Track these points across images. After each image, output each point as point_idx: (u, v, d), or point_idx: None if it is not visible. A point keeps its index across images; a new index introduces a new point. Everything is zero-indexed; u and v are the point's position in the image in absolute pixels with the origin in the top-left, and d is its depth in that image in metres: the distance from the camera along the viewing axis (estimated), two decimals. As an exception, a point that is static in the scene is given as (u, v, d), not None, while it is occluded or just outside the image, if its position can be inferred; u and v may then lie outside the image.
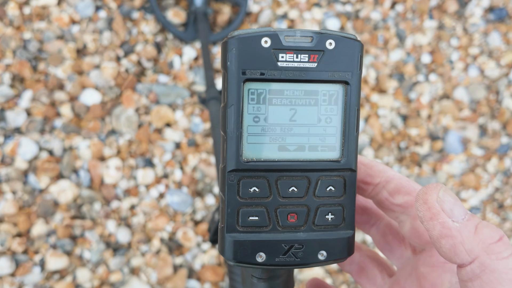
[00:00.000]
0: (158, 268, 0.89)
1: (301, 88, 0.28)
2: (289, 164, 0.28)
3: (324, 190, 0.29)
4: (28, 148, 0.87)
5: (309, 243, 0.29)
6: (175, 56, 0.95)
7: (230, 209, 0.28)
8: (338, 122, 0.29)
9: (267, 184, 0.28)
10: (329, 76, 0.28)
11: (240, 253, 0.28)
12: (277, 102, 0.28)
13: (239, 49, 0.27)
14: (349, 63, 0.28)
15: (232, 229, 0.28)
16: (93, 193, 0.89)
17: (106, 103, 0.91)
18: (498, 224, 1.05)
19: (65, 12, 0.91)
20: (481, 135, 1.05)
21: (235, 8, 1.00)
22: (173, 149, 0.93)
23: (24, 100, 0.88)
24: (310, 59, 0.27)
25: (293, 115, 0.28)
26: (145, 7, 0.95)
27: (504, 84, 1.06)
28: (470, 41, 1.07)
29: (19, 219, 0.85)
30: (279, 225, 0.28)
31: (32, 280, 0.85)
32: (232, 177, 0.28)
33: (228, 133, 0.27)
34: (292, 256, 0.28)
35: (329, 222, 0.29)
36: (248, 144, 0.28)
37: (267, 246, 0.28)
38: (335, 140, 0.29)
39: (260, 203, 0.28)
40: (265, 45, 0.27)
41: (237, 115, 0.27)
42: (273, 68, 0.27)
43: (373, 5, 1.03)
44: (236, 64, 0.27)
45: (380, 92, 1.02)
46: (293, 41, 0.27)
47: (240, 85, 0.27)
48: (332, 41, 0.27)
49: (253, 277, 0.31)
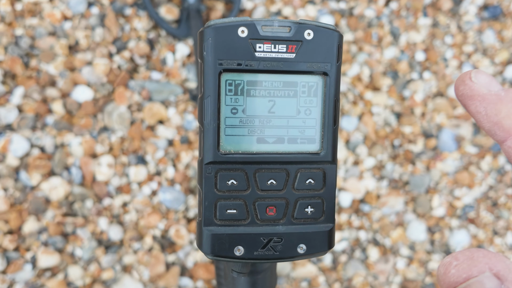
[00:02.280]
0: (150, 265, 0.89)
1: (279, 80, 0.28)
2: (268, 156, 0.28)
3: (304, 182, 0.28)
4: (19, 145, 0.86)
5: (288, 236, 0.28)
6: (168, 53, 0.95)
7: (207, 202, 0.28)
8: (317, 114, 0.28)
9: (245, 176, 0.28)
10: (307, 67, 0.27)
11: (218, 246, 0.28)
12: (255, 93, 0.28)
13: (215, 39, 0.26)
14: (328, 54, 0.28)
15: (210, 223, 0.28)
16: (85, 190, 0.88)
17: (98, 100, 0.91)
18: (492, 222, 1.05)
19: (57, 8, 0.91)
20: (475, 133, 1.05)
21: (229, 5, 0.99)
22: (166, 146, 0.93)
23: (16, 96, 0.87)
24: (288, 50, 0.27)
25: (272, 106, 0.28)
26: (138, 3, 0.95)
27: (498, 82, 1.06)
28: (464, 39, 1.07)
29: (10, 216, 0.85)
30: (257, 218, 0.28)
31: (24, 277, 0.84)
32: (209, 169, 0.27)
33: (205, 125, 0.27)
34: (271, 250, 0.28)
35: (308, 215, 0.29)
36: (226, 136, 0.28)
37: (246, 240, 0.28)
38: (315, 132, 0.29)
39: (238, 196, 0.28)
40: (242, 34, 0.26)
41: (214, 107, 0.27)
42: (250, 58, 0.27)
43: (367, 2, 1.03)
44: (212, 54, 0.26)
45: (374, 90, 1.02)
46: (271, 31, 0.27)
47: (217, 75, 0.27)
48: (311, 31, 0.27)
49: (233, 272, 0.31)
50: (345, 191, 0.98)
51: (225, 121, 0.27)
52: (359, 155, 0.99)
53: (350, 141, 0.99)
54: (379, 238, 1.00)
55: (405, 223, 1.01)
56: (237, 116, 0.28)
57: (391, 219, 1.00)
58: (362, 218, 1.00)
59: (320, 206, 0.29)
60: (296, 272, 0.94)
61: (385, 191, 1.00)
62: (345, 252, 0.98)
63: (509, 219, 1.06)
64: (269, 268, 0.32)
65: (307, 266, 0.95)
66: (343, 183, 0.98)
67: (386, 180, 1.01)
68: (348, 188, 0.98)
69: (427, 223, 1.02)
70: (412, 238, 1.01)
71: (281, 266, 0.94)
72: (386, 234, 1.00)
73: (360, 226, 0.99)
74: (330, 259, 0.97)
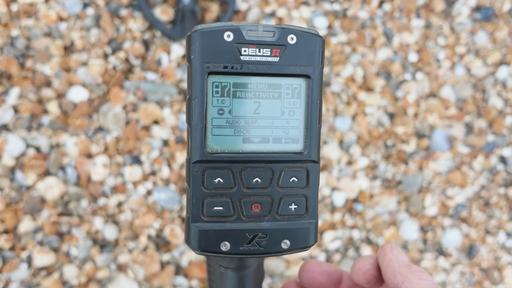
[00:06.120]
0: (145, 264, 0.89)
1: (264, 82, 0.29)
2: (253, 155, 0.29)
3: (288, 181, 0.29)
4: (15, 145, 0.87)
5: (273, 232, 0.29)
6: (163, 54, 0.95)
7: (195, 199, 0.29)
8: (301, 115, 0.29)
9: (231, 175, 0.29)
10: (291, 70, 0.28)
11: (205, 242, 0.29)
12: (241, 95, 0.29)
13: (202, 43, 0.27)
14: (310, 58, 0.29)
15: (197, 219, 0.29)
16: (80, 190, 0.89)
17: (94, 100, 0.91)
18: (484, 221, 1.06)
19: (53, 9, 0.92)
20: (467, 133, 1.06)
21: (223, 6, 1.00)
22: (161, 147, 0.93)
23: (11, 97, 0.88)
24: (272, 53, 0.28)
25: (257, 108, 0.29)
26: (133, 4, 0.95)
27: (490, 83, 1.07)
28: (457, 40, 1.08)
29: (6, 215, 0.85)
30: (243, 215, 0.29)
31: (19, 276, 0.85)
32: (196, 168, 0.28)
33: (193, 125, 0.28)
34: (256, 245, 0.29)
35: (292, 212, 0.30)
36: (213, 136, 0.29)
37: (231, 235, 0.29)
38: (298, 132, 0.30)
39: (225, 194, 0.29)
40: (227, 39, 0.27)
41: (201, 107, 0.28)
42: (236, 61, 0.28)
43: (360, 4, 1.04)
44: (199, 58, 0.27)
45: (367, 90, 1.03)
46: (256, 35, 0.28)
47: (204, 78, 0.28)
48: (294, 36, 0.28)
49: (221, 267, 0.32)
50: (338, 190, 0.99)
51: (212, 122, 0.28)
52: (352, 155, 1.00)
53: (344, 141, 1.00)
54: (372, 237, 1.01)
55: (398, 222, 1.02)
56: (224, 117, 0.29)
57: (384, 218, 1.02)
58: (355, 217, 1.01)
59: (303, 203, 0.30)
60: (290, 270, 0.95)
61: (378, 190, 1.01)
62: (338, 251, 0.99)
63: (501, 218, 1.07)
64: (255, 263, 0.33)
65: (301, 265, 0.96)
66: (336, 183, 0.99)
67: (379, 179, 1.02)
68: (342, 187, 0.99)
69: (420, 222, 1.03)
70: (404, 237, 1.02)
71: (274, 265, 0.95)
72: (379, 233, 1.01)
73: (354, 225, 1.00)
74: (323, 257, 0.98)
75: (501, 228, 1.07)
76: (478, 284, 1.04)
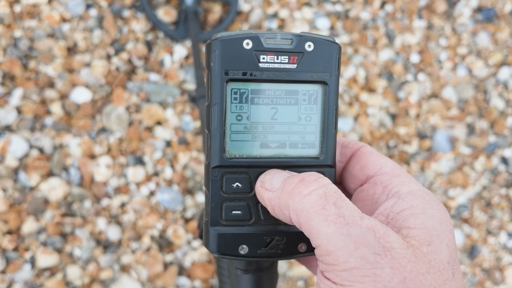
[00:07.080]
0: (148, 265, 0.90)
1: (282, 88, 0.29)
2: (271, 160, 0.29)
3: None
4: (18, 146, 0.87)
5: (290, 235, 0.30)
6: (166, 55, 0.95)
7: (214, 203, 0.29)
8: (317, 121, 0.30)
9: (249, 179, 0.29)
10: (308, 77, 0.29)
11: (224, 245, 0.29)
12: (259, 101, 0.29)
13: (222, 51, 0.28)
14: (327, 65, 0.29)
15: (216, 223, 0.29)
16: (83, 191, 0.89)
17: (97, 101, 0.92)
18: (486, 222, 1.07)
19: (56, 10, 0.92)
20: (469, 134, 1.07)
21: (226, 7, 1.00)
22: (164, 147, 0.94)
23: (15, 98, 0.88)
24: (290, 61, 0.28)
25: (274, 113, 0.29)
26: (136, 5, 0.96)
27: (492, 84, 1.08)
28: (459, 41, 1.08)
29: (9, 216, 0.86)
30: (260, 218, 0.30)
31: (23, 277, 0.85)
32: (215, 173, 0.29)
33: (212, 131, 0.29)
34: (273, 248, 0.30)
35: None
36: (231, 142, 0.29)
37: (250, 239, 0.29)
38: (315, 137, 0.30)
39: (243, 198, 0.29)
40: (247, 47, 0.28)
41: (220, 114, 0.28)
42: (255, 68, 0.28)
43: (362, 5, 1.04)
44: (219, 65, 0.28)
45: (369, 91, 1.03)
46: (274, 43, 0.28)
47: (223, 85, 0.28)
48: (311, 43, 0.29)
49: (238, 269, 0.32)
50: (341, 191, 0.99)
51: (231, 127, 0.29)
52: (354, 156, 1.00)
53: (346, 142, 1.00)
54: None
55: (400, 223, 1.02)
56: (242, 123, 0.29)
57: (386, 219, 1.02)
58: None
59: None
60: (292, 271, 0.96)
61: (380, 191, 1.02)
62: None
63: (502, 219, 1.07)
64: (271, 266, 0.33)
65: (303, 266, 0.96)
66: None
67: (381, 180, 1.02)
68: (344, 188, 0.99)
69: (422, 222, 1.03)
70: (407, 237, 1.02)
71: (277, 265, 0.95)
72: (381, 234, 1.01)
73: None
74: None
75: (502, 229, 1.07)
76: (480, 284, 1.05)
